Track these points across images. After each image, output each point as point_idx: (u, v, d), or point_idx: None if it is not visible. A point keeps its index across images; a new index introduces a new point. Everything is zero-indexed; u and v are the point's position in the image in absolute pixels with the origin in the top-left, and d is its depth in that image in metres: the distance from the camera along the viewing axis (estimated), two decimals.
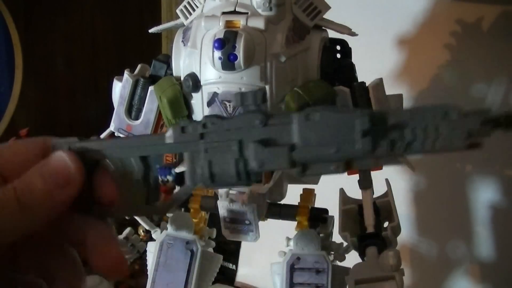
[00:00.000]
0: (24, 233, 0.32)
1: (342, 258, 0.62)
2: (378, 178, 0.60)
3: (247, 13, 0.53)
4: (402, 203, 0.93)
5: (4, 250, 0.32)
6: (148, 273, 0.62)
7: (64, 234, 0.34)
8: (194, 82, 0.54)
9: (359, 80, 0.58)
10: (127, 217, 0.67)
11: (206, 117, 0.30)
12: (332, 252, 0.62)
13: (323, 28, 0.59)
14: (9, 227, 0.31)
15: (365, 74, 0.60)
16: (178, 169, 0.67)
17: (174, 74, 0.59)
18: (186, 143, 0.30)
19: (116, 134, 0.62)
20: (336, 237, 0.62)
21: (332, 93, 0.56)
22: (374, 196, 0.59)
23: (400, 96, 0.59)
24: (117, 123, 0.62)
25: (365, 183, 0.58)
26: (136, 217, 0.67)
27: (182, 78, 0.56)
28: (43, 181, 0.31)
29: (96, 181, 0.34)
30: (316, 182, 0.63)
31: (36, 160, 0.32)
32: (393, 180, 0.62)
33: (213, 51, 0.51)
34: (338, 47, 0.61)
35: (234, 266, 1.24)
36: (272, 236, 0.64)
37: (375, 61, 0.89)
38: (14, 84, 1.42)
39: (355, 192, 0.60)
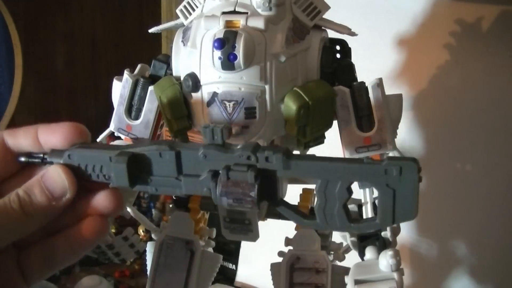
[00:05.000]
0: (26, 234, 0.38)
1: (342, 258, 0.62)
2: None
3: (247, 13, 0.53)
4: None
5: (8, 246, 0.38)
6: (148, 273, 0.62)
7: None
8: (194, 82, 0.54)
9: (359, 80, 0.58)
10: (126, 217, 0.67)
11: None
12: (332, 252, 0.62)
13: (323, 28, 0.59)
14: (14, 229, 0.37)
15: (365, 74, 0.60)
16: None
17: (174, 74, 0.59)
18: None
19: (116, 134, 0.62)
20: (336, 237, 0.62)
21: (332, 93, 0.56)
22: (374, 195, 0.59)
23: (399, 96, 0.59)
24: (117, 123, 0.62)
25: (365, 183, 0.58)
26: (136, 217, 0.67)
27: (182, 78, 0.56)
28: (42, 194, 0.37)
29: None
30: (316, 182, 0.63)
31: None
32: None
33: (213, 51, 0.51)
34: (338, 47, 0.61)
35: (234, 266, 1.24)
36: (272, 236, 0.64)
37: (375, 61, 0.89)
38: (14, 84, 1.42)
39: (354, 191, 0.60)
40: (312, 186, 0.65)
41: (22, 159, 0.40)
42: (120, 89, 0.62)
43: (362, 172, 0.37)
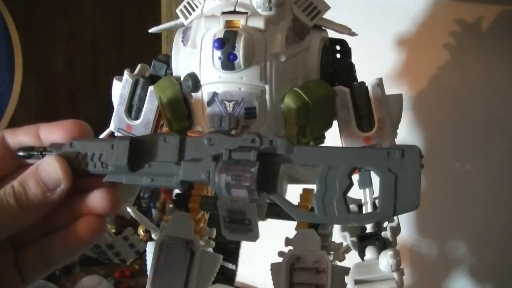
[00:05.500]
0: (22, 227, 0.38)
1: (342, 258, 0.62)
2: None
3: (247, 13, 0.53)
4: None
5: (5, 245, 0.38)
6: (148, 273, 0.62)
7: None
8: (194, 82, 0.54)
9: (359, 80, 0.58)
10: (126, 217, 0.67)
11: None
12: (332, 252, 0.62)
13: (323, 28, 0.59)
14: (10, 223, 0.37)
15: (365, 74, 0.60)
16: None
17: (174, 74, 0.59)
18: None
19: (116, 134, 0.62)
20: (336, 237, 0.62)
21: (332, 93, 0.56)
22: (374, 195, 0.59)
23: (399, 96, 0.59)
24: (117, 122, 0.62)
25: (365, 183, 0.58)
26: (136, 217, 0.67)
27: (182, 78, 0.56)
28: (37, 185, 0.37)
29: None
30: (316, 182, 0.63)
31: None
32: None
33: (213, 51, 0.51)
34: (338, 47, 0.61)
35: (234, 266, 1.24)
36: (272, 236, 0.64)
37: (375, 61, 0.89)
38: (14, 84, 1.42)
39: (354, 191, 0.60)
40: (312, 186, 0.65)
41: (21, 153, 0.40)
42: (120, 89, 0.62)
43: (364, 156, 0.37)
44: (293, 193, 0.65)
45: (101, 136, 0.64)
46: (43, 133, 0.40)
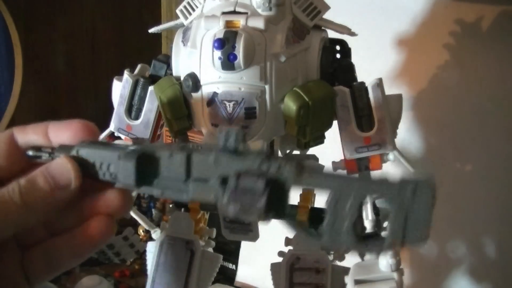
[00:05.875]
0: (27, 226, 0.37)
1: (342, 258, 0.62)
2: None
3: (247, 13, 0.53)
4: None
5: (12, 246, 0.38)
6: (148, 273, 0.62)
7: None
8: (194, 82, 0.54)
9: (359, 80, 0.58)
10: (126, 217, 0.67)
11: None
12: (332, 252, 0.62)
13: (323, 28, 0.59)
14: (13, 220, 0.36)
15: (365, 74, 0.60)
16: None
17: (174, 74, 0.59)
18: None
19: (116, 134, 0.62)
20: None
21: (332, 93, 0.56)
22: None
23: (399, 96, 0.59)
24: (117, 123, 0.62)
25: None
26: (136, 217, 0.67)
27: (182, 78, 0.56)
28: (45, 183, 0.36)
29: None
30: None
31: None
32: None
33: (213, 51, 0.51)
34: (338, 47, 0.61)
35: (234, 266, 1.24)
36: (272, 236, 0.64)
37: (375, 61, 0.89)
38: (14, 84, 1.42)
39: None
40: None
41: (30, 153, 0.40)
42: (120, 89, 0.62)
43: (376, 187, 0.36)
44: (293, 192, 0.65)
45: (101, 136, 0.64)
46: (52, 133, 0.39)
